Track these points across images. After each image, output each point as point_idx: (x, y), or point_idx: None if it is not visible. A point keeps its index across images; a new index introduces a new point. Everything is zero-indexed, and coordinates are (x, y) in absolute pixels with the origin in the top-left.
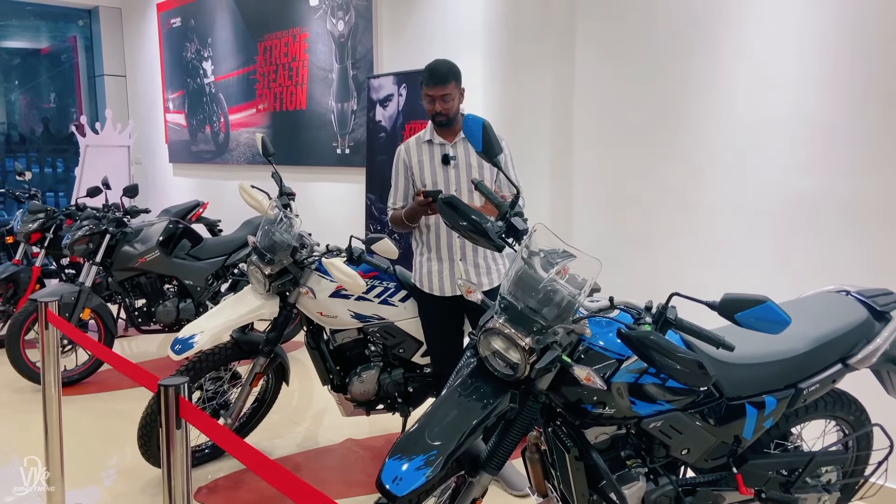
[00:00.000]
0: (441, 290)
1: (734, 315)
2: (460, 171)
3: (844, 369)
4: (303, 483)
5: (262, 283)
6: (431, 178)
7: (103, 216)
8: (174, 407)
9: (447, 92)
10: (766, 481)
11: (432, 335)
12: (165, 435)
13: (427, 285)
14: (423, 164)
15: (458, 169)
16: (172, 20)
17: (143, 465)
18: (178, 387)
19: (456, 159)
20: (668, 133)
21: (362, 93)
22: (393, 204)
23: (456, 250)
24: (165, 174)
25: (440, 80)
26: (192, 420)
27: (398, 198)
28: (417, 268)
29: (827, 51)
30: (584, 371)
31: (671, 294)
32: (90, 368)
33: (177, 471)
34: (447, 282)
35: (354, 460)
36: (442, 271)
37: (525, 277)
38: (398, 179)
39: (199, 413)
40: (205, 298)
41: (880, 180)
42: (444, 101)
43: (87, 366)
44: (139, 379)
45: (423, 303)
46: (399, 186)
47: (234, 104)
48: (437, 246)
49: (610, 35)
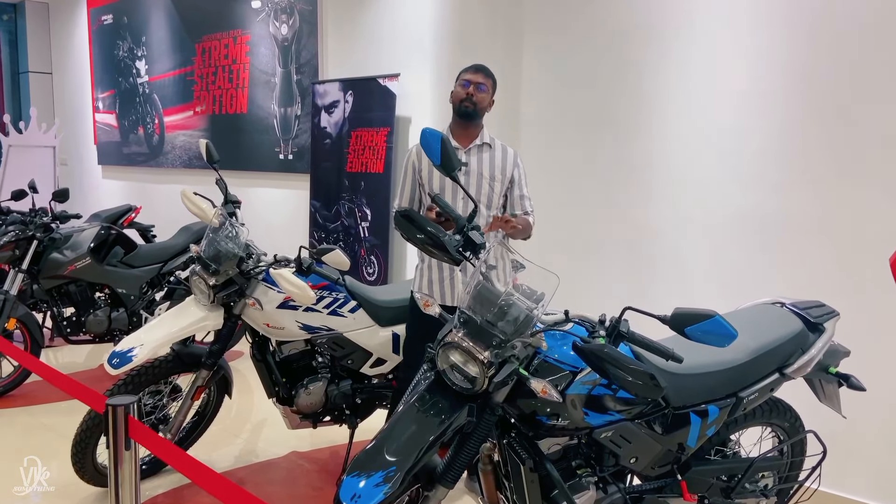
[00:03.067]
0: (441, 298)
1: (684, 329)
2: (471, 179)
3: (781, 378)
4: (258, 500)
5: (206, 294)
6: (440, 183)
7: (30, 221)
8: (123, 427)
9: (483, 81)
10: (708, 487)
11: (412, 343)
12: (113, 455)
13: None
14: (433, 168)
15: (469, 177)
16: (104, 17)
17: (77, 484)
18: (127, 406)
19: (468, 166)
20: (613, 147)
21: (306, 98)
22: (398, 206)
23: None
24: (94, 176)
25: (481, 69)
26: (141, 440)
27: (404, 199)
28: (417, 276)
29: (765, 71)
30: (540, 384)
31: (625, 308)
32: (15, 381)
33: (125, 491)
34: (443, 290)
35: (300, 474)
36: (442, 280)
37: (483, 292)
38: (405, 181)
39: (148, 432)
40: (139, 308)
41: (814, 196)
42: (479, 89)
43: (11, 378)
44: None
45: (416, 311)
46: (406, 188)
47: (170, 105)
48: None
49: (556, 47)
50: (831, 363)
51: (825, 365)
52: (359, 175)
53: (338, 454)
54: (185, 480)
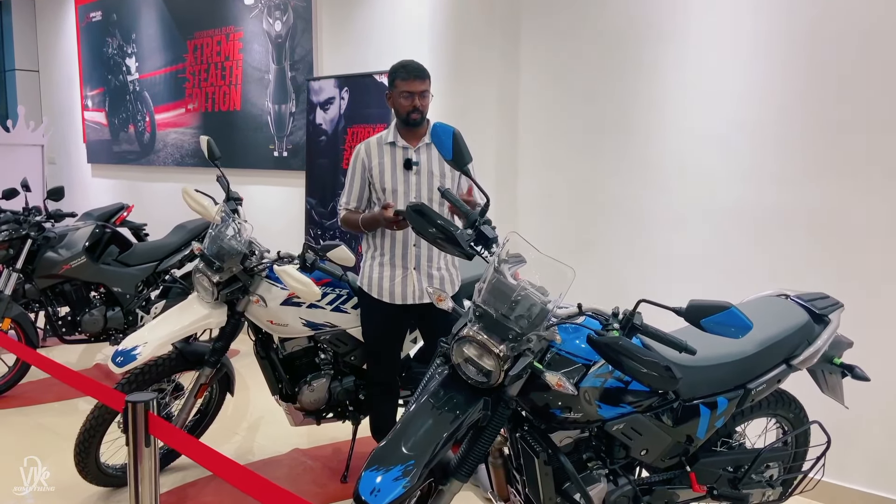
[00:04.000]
0: (391, 296)
1: (699, 320)
2: (422, 178)
3: (788, 369)
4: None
5: (209, 292)
6: (392, 183)
7: (24, 220)
8: (143, 423)
9: (426, 88)
10: (716, 478)
11: (372, 338)
12: (133, 452)
13: (377, 290)
14: (383, 166)
15: (421, 175)
16: (92, 14)
17: (79, 483)
18: (147, 402)
19: (419, 165)
20: (611, 141)
21: (301, 95)
22: (346, 204)
23: (411, 258)
24: (83, 175)
25: (419, 74)
26: (162, 436)
27: (352, 198)
28: (367, 271)
29: (761, 66)
30: (555, 377)
31: (639, 301)
32: (9, 382)
33: (144, 487)
34: (398, 289)
35: (303, 471)
36: (394, 277)
37: (499, 286)
38: (354, 179)
39: (168, 427)
40: (134, 307)
41: (815, 189)
42: (423, 97)
43: (6, 378)
44: (91, 391)
45: (369, 306)
46: (354, 187)
47: (161, 103)
48: (391, 252)
49: (555, 39)
50: (835, 354)
51: (830, 356)
52: None
53: (340, 451)
54: (188, 479)
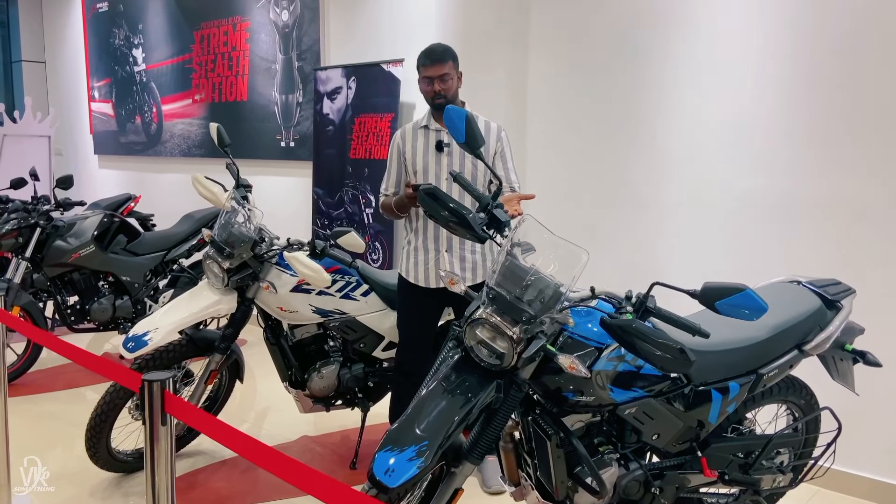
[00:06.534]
0: (426, 281)
1: (714, 303)
2: (454, 159)
3: (800, 355)
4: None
5: (219, 278)
6: (423, 164)
7: (33, 209)
8: (160, 402)
9: (445, 71)
10: (727, 464)
11: (405, 323)
12: (149, 432)
13: (413, 275)
14: (416, 150)
15: (452, 156)
16: (98, 5)
17: (90, 469)
18: (163, 381)
19: (450, 146)
20: (622, 129)
21: (308, 85)
22: (385, 190)
23: (443, 241)
24: (90, 166)
25: (438, 58)
26: (180, 414)
27: (391, 184)
28: (404, 257)
29: (773, 54)
30: (568, 359)
31: (653, 283)
32: (19, 370)
33: (160, 467)
34: (432, 273)
35: (312, 458)
36: (427, 262)
37: (512, 268)
38: (391, 165)
39: (185, 405)
40: (143, 295)
41: (827, 176)
42: (443, 80)
43: (15, 367)
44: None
45: (405, 291)
46: (392, 173)
47: (168, 94)
48: (423, 235)
49: (565, 27)
50: (847, 340)
51: (841, 342)
52: (362, 161)
53: (349, 438)
54: (198, 465)
